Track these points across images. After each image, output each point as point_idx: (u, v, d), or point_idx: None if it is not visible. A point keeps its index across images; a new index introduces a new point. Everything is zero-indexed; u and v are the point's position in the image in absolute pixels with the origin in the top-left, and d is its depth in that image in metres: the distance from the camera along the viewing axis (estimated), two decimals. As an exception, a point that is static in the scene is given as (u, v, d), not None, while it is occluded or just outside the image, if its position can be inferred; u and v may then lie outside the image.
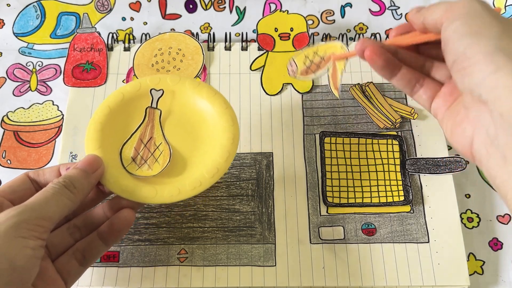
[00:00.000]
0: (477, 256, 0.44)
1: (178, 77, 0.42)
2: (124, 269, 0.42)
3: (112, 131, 0.40)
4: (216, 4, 0.59)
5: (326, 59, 0.41)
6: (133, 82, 0.42)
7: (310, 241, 0.43)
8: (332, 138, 0.47)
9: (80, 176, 0.35)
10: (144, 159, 0.40)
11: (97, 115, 0.40)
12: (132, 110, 0.41)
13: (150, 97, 0.41)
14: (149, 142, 0.40)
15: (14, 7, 0.58)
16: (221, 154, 0.39)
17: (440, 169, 0.45)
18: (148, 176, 0.39)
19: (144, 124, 0.41)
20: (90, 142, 0.39)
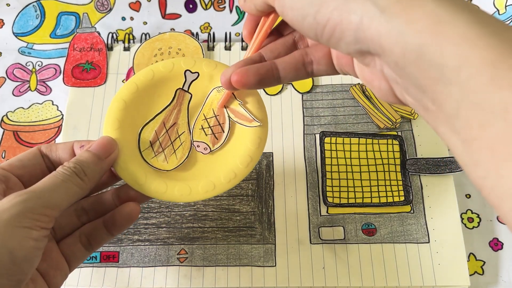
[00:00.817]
0: (478, 256, 0.44)
1: (214, 63, 0.37)
2: (124, 269, 0.41)
3: (135, 111, 0.36)
4: (216, 4, 0.59)
5: (218, 112, 0.36)
6: (165, 62, 0.37)
7: (310, 241, 0.42)
8: (332, 138, 0.47)
9: (92, 162, 0.32)
10: (162, 147, 0.36)
11: (122, 92, 0.36)
12: (161, 92, 0.37)
13: (183, 79, 0.37)
14: (172, 128, 0.36)
15: (14, 7, 0.58)
16: (243, 158, 0.35)
17: (440, 169, 0.45)
18: (162, 170, 0.35)
19: (171, 106, 0.37)
20: (109, 121, 0.35)
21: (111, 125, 0.35)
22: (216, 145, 0.36)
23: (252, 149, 0.36)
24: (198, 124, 0.36)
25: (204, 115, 0.37)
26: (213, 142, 0.36)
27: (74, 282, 0.41)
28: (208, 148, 0.36)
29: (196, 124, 0.36)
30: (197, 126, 0.36)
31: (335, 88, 0.49)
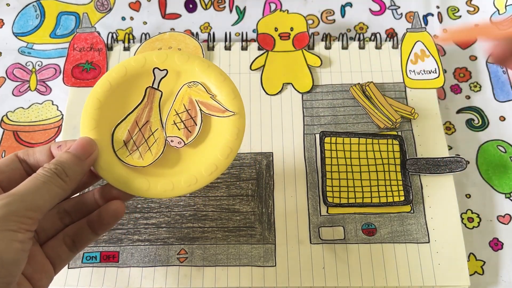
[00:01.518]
0: (478, 256, 0.44)
1: (187, 56, 0.37)
2: (124, 269, 0.41)
3: (110, 110, 0.36)
4: (216, 4, 0.59)
5: (189, 106, 0.37)
6: (137, 56, 0.38)
7: (310, 241, 0.42)
8: (332, 138, 0.47)
9: (73, 163, 0.32)
10: (136, 145, 0.36)
11: (95, 91, 0.36)
12: (134, 88, 0.37)
13: (153, 75, 0.37)
14: (145, 126, 0.37)
15: (14, 7, 0.58)
16: (222, 150, 0.36)
17: (440, 169, 0.45)
18: (137, 166, 0.35)
19: (142, 105, 0.37)
20: (85, 121, 0.35)
21: (87, 125, 0.35)
22: (190, 138, 0.36)
23: (231, 140, 0.36)
24: (170, 120, 0.37)
25: (175, 110, 0.37)
26: (187, 135, 0.36)
27: (74, 282, 0.41)
28: (182, 141, 0.36)
29: (168, 119, 0.37)
30: (169, 122, 0.37)
31: (335, 88, 0.49)
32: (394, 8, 0.58)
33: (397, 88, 0.49)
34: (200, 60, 0.38)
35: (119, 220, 0.35)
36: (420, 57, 0.50)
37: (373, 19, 0.57)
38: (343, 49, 0.52)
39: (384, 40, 0.53)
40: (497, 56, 0.33)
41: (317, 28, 0.57)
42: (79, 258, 0.42)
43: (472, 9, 0.58)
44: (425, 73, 0.50)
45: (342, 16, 0.58)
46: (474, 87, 0.53)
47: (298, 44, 0.51)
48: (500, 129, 0.50)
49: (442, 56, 0.54)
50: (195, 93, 0.37)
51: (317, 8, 0.58)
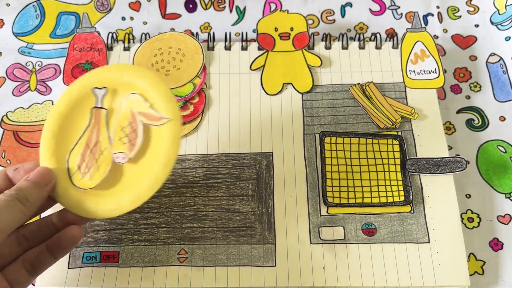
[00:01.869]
0: (478, 256, 0.44)
1: (115, 67, 0.38)
2: (124, 269, 0.41)
3: (64, 137, 0.38)
4: (216, 4, 0.59)
5: (131, 119, 0.37)
6: (77, 80, 0.39)
7: (310, 241, 0.42)
8: (332, 138, 0.47)
9: (33, 189, 0.34)
10: (88, 167, 0.37)
11: (48, 123, 0.38)
12: (82, 112, 0.38)
13: (94, 95, 0.38)
14: (95, 147, 0.38)
15: (14, 7, 0.58)
16: (162, 160, 0.36)
17: (440, 169, 0.45)
18: (86, 188, 0.37)
19: (90, 126, 0.38)
20: (42, 153, 0.38)
21: (44, 156, 0.37)
22: (132, 151, 0.37)
23: (168, 148, 0.36)
24: (116, 136, 0.37)
25: (120, 125, 0.38)
26: (130, 149, 0.37)
27: (74, 282, 0.41)
28: (126, 156, 0.37)
29: (115, 136, 0.37)
30: (116, 138, 0.37)
31: (335, 88, 0.49)
32: (394, 8, 0.58)
33: (397, 88, 0.49)
34: (130, 66, 0.39)
35: (77, 243, 0.37)
36: (420, 57, 0.50)
37: (373, 19, 0.57)
38: (343, 49, 0.52)
39: (384, 40, 0.53)
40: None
41: (317, 28, 0.57)
42: (79, 258, 0.42)
43: (472, 9, 0.58)
44: (425, 73, 0.50)
45: (342, 16, 0.58)
46: (474, 87, 0.53)
47: (298, 44, 0.51)
48: (500, 129, 0.50)
49: (442, 56, 0.54)
50: (134, 105, 0.37)
51: (317, 8, 0.58)
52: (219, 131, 0.47)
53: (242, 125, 0.48)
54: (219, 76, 0.50)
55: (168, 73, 0.50)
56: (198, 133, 0.47)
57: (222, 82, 0.50)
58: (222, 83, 0.50)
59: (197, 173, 0.45)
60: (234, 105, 0.49)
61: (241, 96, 0.49)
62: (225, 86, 0.50)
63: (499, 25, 0.56)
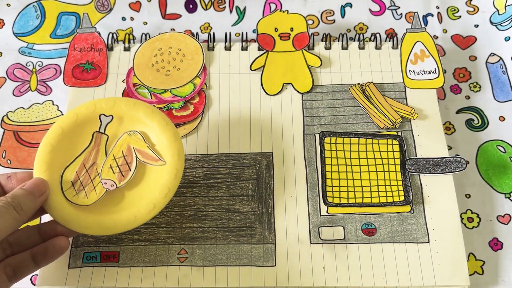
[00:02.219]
0: (477, 256, 0.44)
1: (133, 103, 0.41)
2: (124, 269, 0.42)
3: (61, 153, 0.40)
4: (216, 4, 0.59)
5: (126, 153, 0.41)
6: (87, 104, 0.41)
7: (310, 241, 0.43)
8: (332, 138, 0.47)
9: (27, 198, 0.36)
10: (83, 185, 0.40)
11: (48, 136, 0.40)
12: (83, 132, 0.41)
13: (99, 121, 0.41)
14: (91, 168, 0.40)
15: (14, 7, 0.58)
16: (161, 189, 0.39)
17: (440, 169, 0.45)
18: (82, 205, 0.39)
19: (89, 148, 0.41)
20: (38, 164, 0.39)
21: (39, 168, 0.39)
22: (122, 182, 0.40)
23: (170, 180, 0.39)
24: (107, 163, 0.40)
25: (113, 155, 0.41)
26: (120, 179, 0.40)
27: (74, 282, 0.41)
28: (115, 184, 0.40)
29: (106, 163, 0.40)
30: (106, 165, 0.40)
31: (335, 88, 0.49)
32: (394, 9, 0.58)
33: (397, 88, 0.49)
34: (145, 106, 0.41)
35: (63, 253, 0.38)
36: (420, 57, 0.50)
37: (373, 19, 0.58)
38: (343, 50, 0.52)
39: (384, 40, 0.53)
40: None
41: (317, 28, 0.57)
42: (79, 258, 0.42)
43: (472, 9, 0.58)
44: (425, 73, 0.50)
45: (342, 17, 0.58)
46: (474, 87, 0.53)
47: (298, 44, 0.51)
48: (499, 129, 0.50)
49: (442, 56, 0.54)
50: (133, 141, 0.41)
51: (317, 9, 0.58)
52: (219, 131, 0.48)
53: (242, 125, 0.48)
54: (219, 76, 0.50)
55: (168, 73, 0.50)
56: (198, 133, 0.48)
57: (222, 82, 0.50)
58: (222, 83, 0.50)
59: (197, 173, 0.45)
60: (234, 105, 0.49)
61: (241, 96, 0.49)
62: (225, 86, 0.50)
63: (499, 25, 0.56)
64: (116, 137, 0.41)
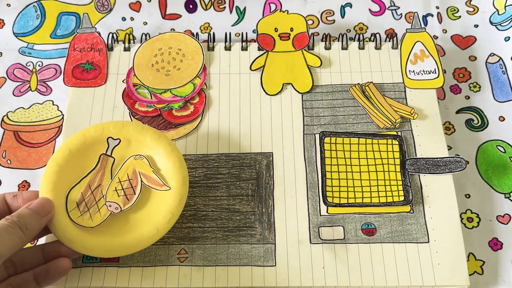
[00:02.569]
0: (477, 256, 0.44)
1: (140, 127, 0.42)
2: (124, 269, 0.42)
3: (68, 173, 0.40)
4: (216, 4, 0.59)
5: (132, 177, 0.41)
6: (96, 126, 0.42)
7: (310, 241, 0.43)
8: (332, 138, 0.47)
9: (33, 218, 0.36)
10: (88, 206, 0.40)
11: (56, 156, 0.41)
12: (91, 154, 0.42)
13: (107, 144, 0.42)
14: (97, 190, 0.41)
15: (14, 7, 0.58)
16: (164, 214, 0.40)
17: (440, 169, 0.45)
18: (86, 226, 0.39)
19: (95, 170, 0.41)
20: (44, 183, 0.40)
21: (45, 187, 0.39)
22: (126, 205, 0.40)
23: (174, 206, 0.40)
24: (112, 186, 0.41)
25: (119, 178, 0.41)
26: (124, 202, 0.40)
27: (75, 282, 0.41)
28: (119, 207, 0.40)
29: (111, 186, 0.41)
30: (111, 188, 0.41)
31: (335, 88, 0.49)
32: (393, 9, 0.58)
33: (396, 88, 0.49)
34: (152, 131, 0.42)
35: (65, 274, 0.39)
36: (420, 58, 0.50)
37: (372, 19, 0.58)
38: (343, 50, 0.52)
39: (384, 40, 0.53)
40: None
41: (317, 28, 0.57)
42: (79, 258, 0.42)
43: (471, 10, 0.58)
44: (425, 73, 0.50)
45: (342, 17, 0.58)
46: (474, 87, 0.53)
47: (298, 44, 0.51)
48: (499, 129, 0.50)
49: (442, 56, 0.55)
50: (139, 165, 0.41)
51: (317, 9, 0.58)
52: (219, 131, 0.48)
53: (242, 125, 0.48)
54: (219, 76, 0.51)
55: (168, 73, 0.50)
56: (198, 133, 0.48)
57: (222, 82, 0.50)
58: (222, 83, 0.50)
59: (197, 173, 0.45)
60: (234, 105, 0.49)
61: (241, 96, 0.49)
62: (225, 86, 0.50)
63: (499, 25, 0.56)
64: (122, 160, 0.42)
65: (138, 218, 0.41)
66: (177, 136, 0.47)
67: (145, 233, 0.39)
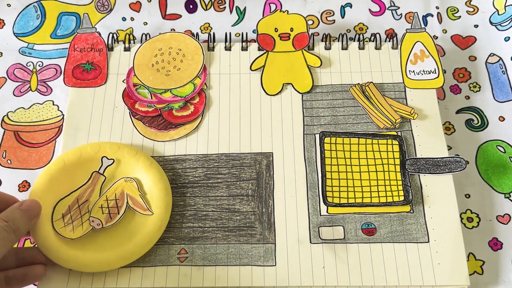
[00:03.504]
0: (477, 256, 0.44)
1: (135, 151, 0.44)
2: (124, 269, 0.42)
3: (59, 185, 0.42)
4: (216, 4, 0.59)
5: (119, 197, 0.42)
6: (93, 144, 0.44)
7: (310, 241, 0.43)
8: (332, 138, 0.47)
9: (24, 220, 0.36)
10: (72, 219, 0.41)
11: (50, 167, 0.43)
12: (84, 170, 0.43)
13: (101, 162, 0.44)
14: (83, 204, 0.42)
15: (15, 7, 0.58)
16: (142, 238, 0.41)
17: (440, 169, 0.45)
18: (67, 238, 0.40)
19: (86, 185, 0.43)
20: (34, 190, 0.42)
21: (34, 194, 0.41)
22: (108, 223, 0.42)
23: (153, 231, 0.41)
24: (98, 203, 0.42)
25: (106, 196, 0.43)
26: (107, 220, 0.42)
27: (76, 283, 0.41)
28: (101, 224, 0.42)
29: (97, 203, 0.42)
30: (97, 205, 0.42)
31: (335, 88, 0.50)
32: (393, 9, 0.58)
33: (396, 88, 0.49)
34: (145, 157, 0.44)
35: (36, 281, 0.39)
36: (420, 58, 0.50)
37: (372, 19, 0.58)
38: (343, 50, 0.52)
39: (384, 40, 0.54)
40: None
41: (317, 28, 0.57)
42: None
43: (471, 10, 0.58)
44: (425, 73, 0.50)
45: (342, 17, 0.58)
46: (474, 88, 0.53)
47: (298, 44, 0.51)
48: (499, 129, 0.50)
49: (442, 56, 0.55)
50: (128, 188, 0.43)
51: (317, 9, 0.58)
52: (219, 131, 0.48)
53: (242, 125, 0.48)
54: (219, 77, 0.51)
55: (168, 73, 0.50)
56: (198, 133, 0.48)
57: (222, 82, 0.50)
58: (222, 83, 0.50)
59: (197, 173, 0.45)
60: (234, 105, 0.49)
61: (241, 96, 0.49)
62: (225, 87, 0.50)
63: (499, 25, 0.56)
64: (113, 179, 0.43)
65: (117, 239, 0.41)
66: (177, 136, 0.47)
67: (121, 253, 0.40)
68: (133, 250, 0.40)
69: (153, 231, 0.41)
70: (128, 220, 0.42)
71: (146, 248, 0.41)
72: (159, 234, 0.41)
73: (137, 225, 0.42)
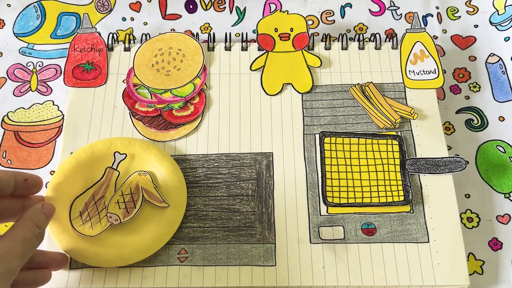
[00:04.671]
0: (477, 256, 0.44)
1: (146, 145, 0.44)
2: (125, 269, 0.42)
3: (74, 183, 0.42)
4: (216, 4, 0.59)
5: (134, 191, 0.43)
6: (104, 141, 0.45)
7: (310, 241, 0.43)
8: (332, 138, 0.47)
9: (46, 224, 0.37)
10: (90, 216, 0.42)
11: (63, 166, 0.43)
12: (97, 166, 0.43)
13: (113, 158, 0.44)
14: (100, 201, 0.42)
15: (15, 7, 0.58)
16: (161, 230, 0.41)
17: (440, 169, 0.45)
18: (87, 235, 0.41)
19: (100, 182, 0.43)
20: (50, 190, 0.42)
21: (51, 195, 0.41)
22: (126, 218, 0.42)
23: (170, 222, 0.41)
24: (114, 198, 0.42)
25: (122, 191, 0.43)
26: (124, 215, 0.42)
27: (76, 283, 0.41)
28: (119, 219, 0.42)
29: (114, 198, 0.42)
30: (113, 200, 0.42)
31: (335, 88, 0.50)
32: (393, 9, 0.58)
33: (396, 89, 0.49)
34: (156, 150, 0.44)
35: (42, 285, 0.39)
36: (420, 58, 0.50)
37: (372, 19, 0.58)
38: (342, 50, 0.52)
39: (384, 40, 0.54)
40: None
41: (316, 28, 0.57)
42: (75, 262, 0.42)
43: (471, 10, 0.58)
44: (425, 73, 0.50)
45: (341, 17, 0.58)
46: (474, 88, 0.53)
47: (298, 44, 0.51)
48: (499, 129, 0.50)
49: (442, 56, 0.55)
50: (142, 181, 0.43)
51: (317, 9, 0.58)
52: (219, 131, 0.48)
53: (242, 125, 0.48)
54: (219, 77, 0.51)
55: (168, 73, 0.50)
56: (198, 133, 0.48)
57: (222, 82, 0.50)
58: (222, 83, 0.50)
59: (197, 173, 0.45)
60: (234, 105, 0.49)
61: (241, 96, 0.49)
62: (225, 87, 0.50)
63: (499, 25, 0.56)
64: (127, 174, 0.44)
65: (134, 235, 0.42)
66: (177, 136, 0.47)
67: (141, 247, 0.40)
68: (153, 243, 0.41)
69: (171, 222, 0.41)
70: (144, 215, 0.42)
71: (164, 240, 0.41)
72: (176, 225, 0.42)
73: (155, 218, 0.42)
